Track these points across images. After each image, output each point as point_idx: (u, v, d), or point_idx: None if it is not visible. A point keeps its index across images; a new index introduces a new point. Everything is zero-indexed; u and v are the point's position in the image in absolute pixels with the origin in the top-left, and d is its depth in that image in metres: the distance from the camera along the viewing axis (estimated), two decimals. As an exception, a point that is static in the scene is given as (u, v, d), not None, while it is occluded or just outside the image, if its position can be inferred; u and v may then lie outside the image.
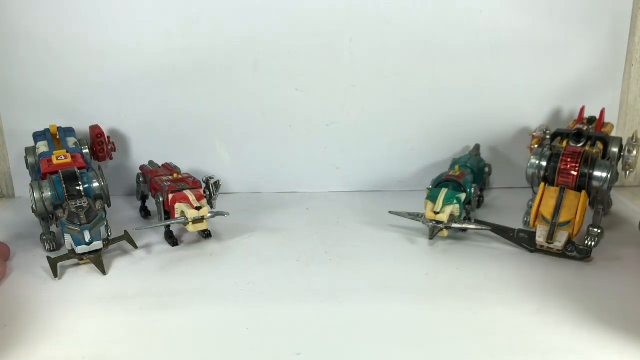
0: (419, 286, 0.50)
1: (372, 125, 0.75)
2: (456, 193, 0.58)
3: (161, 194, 0.60)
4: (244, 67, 0.72)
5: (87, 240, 0.53)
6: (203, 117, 0.74)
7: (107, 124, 0.74)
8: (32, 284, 0.52)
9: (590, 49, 0.71)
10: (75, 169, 0.58)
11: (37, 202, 0.56)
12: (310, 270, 0.54)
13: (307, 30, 0.70)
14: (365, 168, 0.77)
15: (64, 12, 0.70)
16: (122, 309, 0.47)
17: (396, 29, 0.70)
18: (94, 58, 0.71)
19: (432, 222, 0.58)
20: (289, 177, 0.78)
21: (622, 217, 0.66)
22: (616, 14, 0.70)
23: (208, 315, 0.46)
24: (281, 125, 0.75)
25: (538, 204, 0.55)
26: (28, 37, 0.70)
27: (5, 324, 0.45)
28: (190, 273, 0.54)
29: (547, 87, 0.73)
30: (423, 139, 0.75)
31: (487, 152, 0.75)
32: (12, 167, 0.77)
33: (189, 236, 0.62)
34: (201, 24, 0.70)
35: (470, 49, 0.71)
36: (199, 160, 0.76)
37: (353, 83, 0.73)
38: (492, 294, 0.49)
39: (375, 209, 0.69)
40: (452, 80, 0.72)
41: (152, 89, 0.73)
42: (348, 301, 0.48)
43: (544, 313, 0.45)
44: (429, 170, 0.75)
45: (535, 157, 0.59)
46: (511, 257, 0.56)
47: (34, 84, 0.72)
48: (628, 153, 0.60)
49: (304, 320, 0.45)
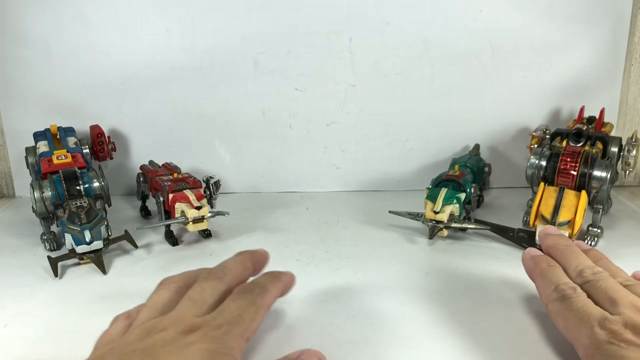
0: (419, 286, 0.50)
1: (372, 125, 0.75)
2: (456, 193, 0.58)
3: (161, 193, 0.60)
4: (244, 67, 0.72)
5: (88, 240, 0.53)
6: (203, 117, 0.74)
7: (107, 123, 0.74)
8: (32, 283, 0.52)
9: (590, 48, 0.71)
10: (75, 168, 0.58)
11: (37, 201, 0.56)
12: (310, 270, 0.54)
13: (307, 30, 0.71)
14: (365, 168, 0.77)
15: (64, 12, 0.70)
16: (122, 308, 0.47)
17: (396, 29, 0.70)
18: (94, 58, 0.71)
19: (432, 222, 0.58)
20: (289, 177, 0.78)
21: (622, 216, 0.66)
22: (616, 14, 0.70)
23: (208, 314, 0.46)
24: (281, 125, 0.75)
25: (538, 203, 0.55)
26: (28, 37, 0.71)
27: (6, 323, 0.45)
28: (191, 273, 0.54)
29: (547, 87, 0.73)
30: (423, 138, 0.75)
31: (486, 151, 0.75)
32: (12, 166, 0.77)
33: (189, 236, 0.62)
34: (201, 24, 0.70)
35: (470, 49, 0.71)
36: (199, 160, 0.76)
37: (353, 83, 0.73)
38: (492, 294, 0.49)
39: (375, 208, 0.69)
40: (452, 80, 0.73)
41: (152, 89, 0.73)
42: (348, 301, 0.48)
43: (543, 313, 0.45)
44: (428, 170, 0.75)
45: (535, 156, 0.59)
46: (511, 256, 0.56)
47: (34, 84, 0.72)
48: (627, 153, 0.61)
49: (304, 320, 0.45)
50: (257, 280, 0.40)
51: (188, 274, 0.40)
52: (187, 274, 0.40)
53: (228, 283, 0.39)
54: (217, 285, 0.38)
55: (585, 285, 0.39)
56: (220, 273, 0.39)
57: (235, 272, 0.40)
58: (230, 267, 0.41)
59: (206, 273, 0.39)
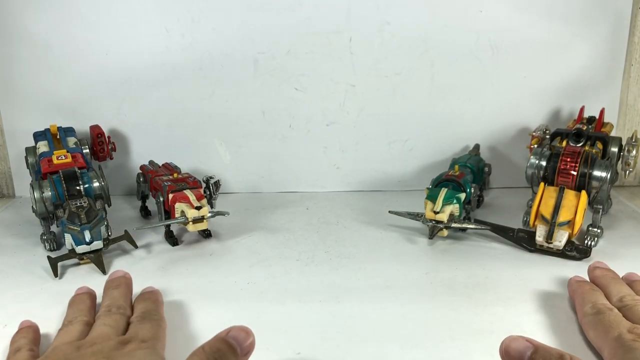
0: (418, 286, 0.50)
1: (372, 125, 0.75)
2: (456, 193, 0.58)
3: (161, 193, 0.60)
4: (244, 67, 0.72)
5: (88, 240, 0.53)
6: (203, 117, 0.74)
7: (107, 123, 0.74)
8: (32, 284, 0.52)
9: (590, 48, 0.71)
10: (75, 168, 0.58)
11: (37, 201, 0.56)
12: (310, 270, 0.54)
13: (307, 30, 0.70)
14: (365, 168, 0.77)
15: (64, 12, 0.70)
16: (122, 308, 0.47)
17: (396, 29, 0.70)
18: (94, 58, 0.71)
19: (432, 222, 0.58)
20: (289, 177, 0.78)
21: (622, 216, 0.66)
22: (616, 14, 0.70)
23: (208, 315, 0.46)
24: (281, 125, 0.75)
25: (537, 203, 0.55)
26: (28, 37, 0.70)
27: (6, 323, 0.45)
28: (190, 273, 0.54)
29: (547, 87, 0.73)
30: (423, 138, 0.75)
31: (486, 151, 0.75)
32: (12, 167, 0.77)
33: (189, 236, 0.62)
34: (201, 24, 0.70)
35: (470, 49, 0.71)
36: (199, 160, 0.76)
37: (353, 83, 0.73)
38: (492, 294, 0.49)
39: (375, 208, 0.69)
40: (452, 80, 0.73)
41: (152, 89, 0.73)
42: (348, 301, 0.48)
43: (543, 313, 0.45)
44: (428, 169, 0.75)
45: (535, 156, 0.59)
46: (511, 256, 0.56)
47: (34, 84, 0.72)
48: (627, 153, 0.61)
49: (304, 320, 0.45)
50: (146, 306, 0.44)
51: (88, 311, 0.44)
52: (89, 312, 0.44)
53: (127, 315, 0.43)
54: (121, 317, 0.42)
55: (623, 309, 0.41)
56: (121, 309, 0.43)
57: (127, 304, 0.45)
58: (122, 302, 0.45)
59: (105, 310, 0.43)
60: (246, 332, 0.34)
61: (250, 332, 0.34)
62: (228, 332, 0.34)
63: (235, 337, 0.34)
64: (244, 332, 0.34)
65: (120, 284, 0.48)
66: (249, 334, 0.34)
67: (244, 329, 0.34)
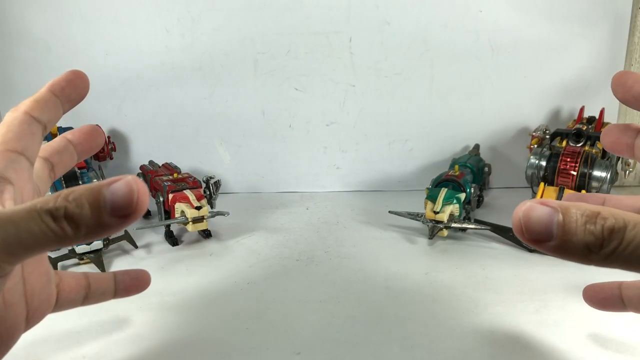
0: (419, 286, 0.50)
1: (372, 125, 0.75)
2: (456, 193, 0.58)
3: (161, 193, 0.60)
4: (244, 67, 0.72)
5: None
6: (203, 117, 0.74)
7: (107, 123, 0.74)
8: (32, 283, 0.52)
9: (590, 49, 0.72)
10: (75, 168, 0.58)
11: (37, 201, 0.56)
12: (310, 270, 0.54)
13: (307, 30, 0.71)
14: (365, 168, 0.77)
15: (64, 12, 0.70)
16: (122, 308, 0.47)
17: (396, 29, 0.70)
18: (94, 58, 0.71)
19: (432, 222, 0.58)
20: (289, 177, 0.78)
21: (622, 216, 0.66)
22: (616, 14, 0.70)
23: (208, 314, 0.46)
24: (281, 125, 0.75)
25: (538, 203, 0.55)
26: (28, 37, 0.71)
27: (6, 323, 0.45)
28: (190, 273, 0.54)
29: (547, 87, 0.73)
30: (423, 139, 0.75)
31: (486, 151, 0.75)
32: (12, 167, 0.77)
33: (189, 236, 0.62)
34: (201, 24, 0.70)
35: (470, 49, 0.71)
36: (199, 160, 0.76)
37: (353, 83, 0.73)
38: (492, 294, 0.49)
39: (375, 208, 0.69)
40: (452, 80, 0.73)
41: (152, 89, 0.73)
42: (348, 301, 0.48)
43: (543, 312, 0.45)
44: (428, 170, 0.75)
45: (535, 156, 0.59)
46: (510, 256, 0.56)
47: (34, 84, 0.72)
48: (627, 153, 0.61)
49: (304, 320, 0.45)
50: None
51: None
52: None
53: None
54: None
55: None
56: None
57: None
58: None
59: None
60: (130, 188, 0.23)
61: (135, 190, 0.23)
62: (112, 181, 0.23)
63: (114, 189, 0.23)
64: (127, 186, 0.23)
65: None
66: (132, 192, 0.23)
67: (132, 181, 0.23)
